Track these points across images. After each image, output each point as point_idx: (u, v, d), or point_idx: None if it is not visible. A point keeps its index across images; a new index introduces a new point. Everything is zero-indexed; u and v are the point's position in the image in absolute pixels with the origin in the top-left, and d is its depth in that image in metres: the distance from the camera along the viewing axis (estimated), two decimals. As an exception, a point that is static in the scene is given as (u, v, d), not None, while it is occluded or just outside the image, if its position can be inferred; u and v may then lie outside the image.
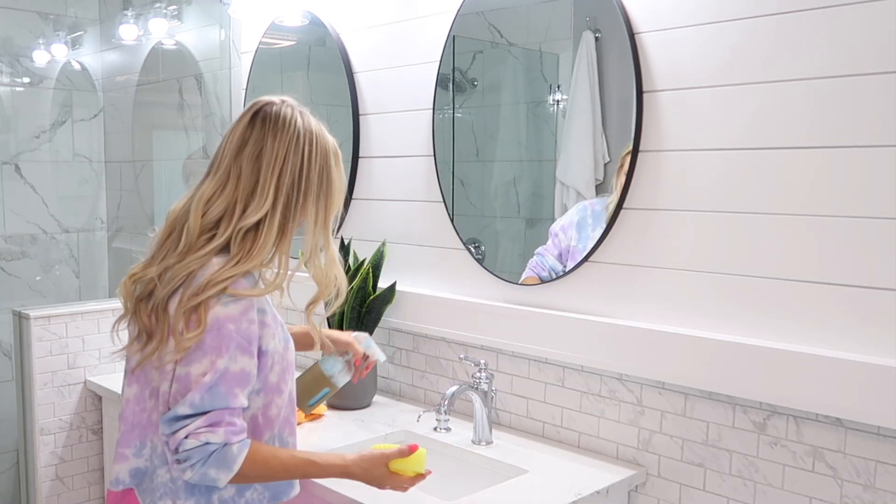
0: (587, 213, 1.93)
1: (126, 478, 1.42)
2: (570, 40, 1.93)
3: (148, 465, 1.41)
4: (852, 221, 1.48)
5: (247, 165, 1.38)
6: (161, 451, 1.39)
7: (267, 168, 1.38)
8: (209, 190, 1.38)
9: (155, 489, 1.40)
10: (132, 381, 1.43)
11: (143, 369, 1.39)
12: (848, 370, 1.46)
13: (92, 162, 3.68)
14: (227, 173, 1.39)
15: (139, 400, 1.41)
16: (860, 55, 1.46)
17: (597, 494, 1.70)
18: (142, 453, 1.42)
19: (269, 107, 1.42)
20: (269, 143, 1.39)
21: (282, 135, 1.39)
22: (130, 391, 1.43)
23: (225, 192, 1.37)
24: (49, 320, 2.52)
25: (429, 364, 2.30)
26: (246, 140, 1.40)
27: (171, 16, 3.20)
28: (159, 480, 1.40)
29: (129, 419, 1.42)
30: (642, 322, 1.79)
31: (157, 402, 1.37)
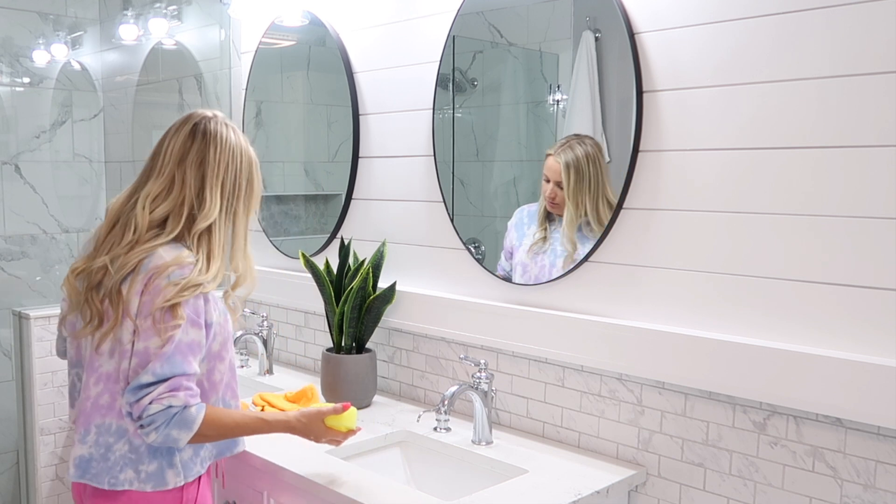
0: (523, 214, 2.07)
1: (72, 467, 1.56)
2: (570, 40, 1.93)
3: (92, 452, 1.54)
4: (852, 221, 1.48)
5: (190, 172, 1.58)
6: (115, 428, 1.52)
7: (211, 176, 1.59)
8: (154, 190, 1.58)
9: (112, 466, 1.53)
10: (81, 369, 1.59)
11: (90, 359, 1.54)
12: (848, 370, 1.46)
13: (92, 162, 3.68)
14: (170, 177, 1.58)
15: (85, 387, 1.56)
16: (861, 55, 1.46)
17: (597, 494, 1.70)
18: (86, 440, 1.54)
19: (208, 121, 1.63)
20: (210, 154, 1.60)
21: (221, 147, 1.61)
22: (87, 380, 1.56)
23: (171, 195, 1.57)
24: (49, 320, 2.52)
25: (429, 364, 2.30)
26: (188, 149, 1.60)
27: (171, 16, 3.20)
28: (116, 456, 1.53)
29: (78, 407, 1.58)
30: (642, 322, 1.79)
31: (104, 387, 1.52)
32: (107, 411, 1.53)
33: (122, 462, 1.53)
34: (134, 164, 3.55)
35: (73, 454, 1.55)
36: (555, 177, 1.93)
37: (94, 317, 1.53)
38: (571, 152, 1.90)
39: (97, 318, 1.52)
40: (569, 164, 1.89)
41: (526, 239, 2.03)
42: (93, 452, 1.53)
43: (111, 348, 1.52)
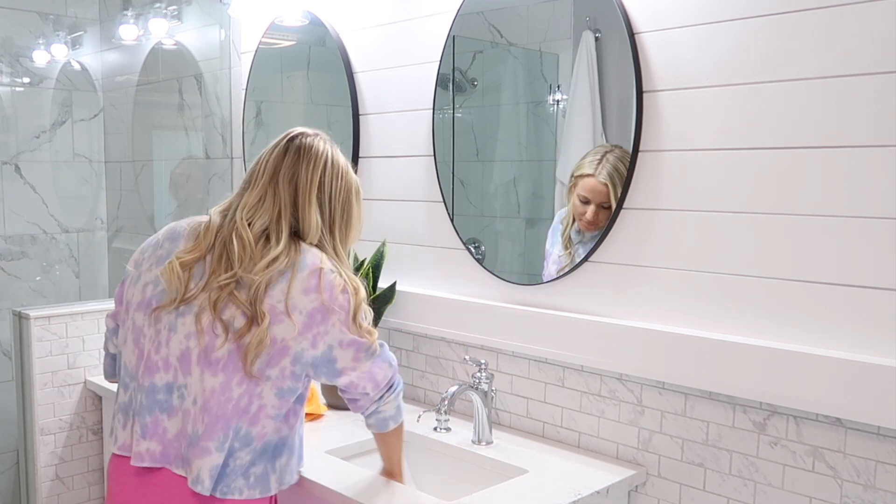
0: (560, 218, 1.98)
1: (206, 479, 1.46)
2: (570, 40, 1.93)
3: (226, 459, 1.48)
4: (853, 221, 1.48)
5: (283, 187, 1.57)
6: (243, 433, 1.48)
7: (303, 192, 1.57)
8: (251, 203, 1.57)
9: (230, 474, 1.48)
10: (216, 371, 1.48)
11: (233, 358, 1.47)
12: (848, 370, 1.46)
13: (92, 162, 3.68)
14: (263, 191, 1.57)
15: (225, 389, 1.47)
16: (863, 55, 1.46)
17: (597, 494, 1.70)
18: (223, 447, 1.47)
19: (304, 137, 1.62)
20: (302, 170, 1.58)
21: (314, 164, 1.59)
22: (214, 381, 1.48)
23: (264, 206, 1.56)
24: (49, 320, 2.52)
25: (429, 364, 2.30)
26: (280, 163, 1.59)
27: (171, 16, 3.19)
28: (236, 464, 1.49)
29: (214, 410, 1.47)
30: (642, 322, 1.79)
31: (246, 388, 1.47)
32: (243, 414, 1.48)
33: (239, 470, 1.49)
34: (134, 164, 3.56)
35: (210, 462, 1.46)
36: (599, 198, 1.84)
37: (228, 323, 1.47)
38: (609, 165, 1.83)
39: (246, 319, 1.47)
40: (613, 178, 1.81)
41: (553, 257, 1.97)
42: (225, 461, 1.48)
43: (263, 351, 1.47)
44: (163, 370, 1.52)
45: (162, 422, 1.52)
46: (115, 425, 1.60)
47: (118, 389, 1.62)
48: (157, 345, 1.53)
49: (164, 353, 1.52)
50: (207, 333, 1.48)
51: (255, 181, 1.59)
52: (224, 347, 1.47)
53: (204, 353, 1.49)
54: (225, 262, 1.51)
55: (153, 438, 1.51)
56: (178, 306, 1.52)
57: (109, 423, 1.62)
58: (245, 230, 1.53)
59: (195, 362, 1.49)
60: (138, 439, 1.52)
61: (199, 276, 1.53)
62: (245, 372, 1.47)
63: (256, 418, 1.49)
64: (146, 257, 1.62)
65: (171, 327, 1.52)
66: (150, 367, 1.53)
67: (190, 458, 1.48)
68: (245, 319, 1.47)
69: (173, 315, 1.52)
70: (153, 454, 1.51)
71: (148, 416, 1.52)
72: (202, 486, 1.46)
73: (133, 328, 1.58)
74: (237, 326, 1.47)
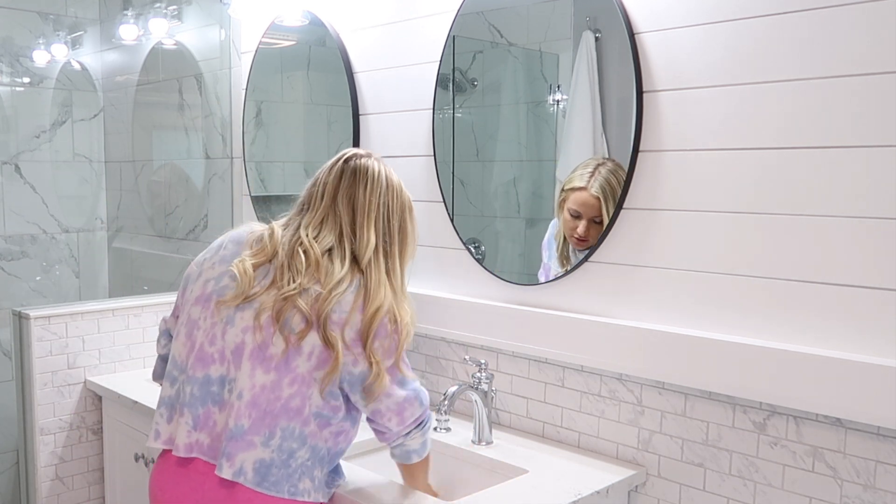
0: (555, 231, 1.97)
1: (249, 471, 1.47)
2: (570, 40, 1.93)
3: (274, 457, 1.48)
4: (853, 221, 1.48)
5: (343, 208, 1.60)
6: (298, 433, 1.50)
7: (361, 213, 1.60)
8: (315, 222, 1.60)
9: (291, 474, 1.50)
10: (268, 368, 1.50)
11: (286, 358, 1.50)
12: (848, 370, 1.46)
13: (92, 162, 3.68)
14: (325, 212, 1.60)
15: (275, 388, 1.49)
16: (864, 54, 1.46)
17: (597, 494, 1.70)
18: (270, 443, 1.48)
19: (359, 158, 1.64)
20: (360, 192, 1.61)
21: (371, 186, 1.62)
22: (266, 378, 1.50)
23: (327, 227, 1.59)
24: (49, 320, 2.52)
25: (429, 364, 2.30)
26: (337, 186, 1.62)
27: (171, 16, 3.20)
28: (297, 463, 1.50)
29: (263, 406, 1.49)
30: (642, 322, 1.79)
31: (297, 389, 1.49)
32: (295, 415, 1.49)
33: (302, 470, 1.51)
34: (134, 164, 3.56)
35: (254, 455, 1.48)
36: (591, 213, 1.83)
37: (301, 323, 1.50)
38: (601, 178, 1.82)
39: (302, 317, 1.50)
40: (605, 192, 1.80)
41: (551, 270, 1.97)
42: (275, 458, 1.48)
43: (313, 351, 1.50)
44: (218, 362, 1.54)
45: (213, 414, 1.53)
46: (156, 421, 1.60)
47: (163, 385, 1.63)
48: (211, 337, 1.55)
49: (219, 345, 1.54)
50: (265, 330, 1.51)
51: (314, 202, 1.62)
52: (278, 345, 1.50)
53: (259, 349, 1.51)
54: (289, 274, 1.54)
55: (203, 430, 1.53)
56: (241, 303, 1.54)
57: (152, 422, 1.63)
58: (312, 246, 1.56)
59: (247, 356, 1.51)
60: (189, 431, 1.53)
61: (261, 277, 1.56)
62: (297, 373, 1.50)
63: (308, 420, 1.51)
64: (208, 258, 1.66)
65: (229, 321, 1.54)
66: (204, 358, 1.55)
67: (233, 451, 1.48)
68: (304, 324, 1.50)
69: (233, 310, 1.55)
70: (202, 446, 1.52)
71: (200, 407, 1.53)
72: (245, 477, 1.47)
73: (188, 322, 1.60)
74: (296, 329, 1.50)
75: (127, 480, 2.51)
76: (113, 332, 2.64)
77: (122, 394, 2.42)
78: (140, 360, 2.70)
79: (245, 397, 1.49)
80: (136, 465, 2.38)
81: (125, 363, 2.67)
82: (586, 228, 1.84)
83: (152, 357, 2.63)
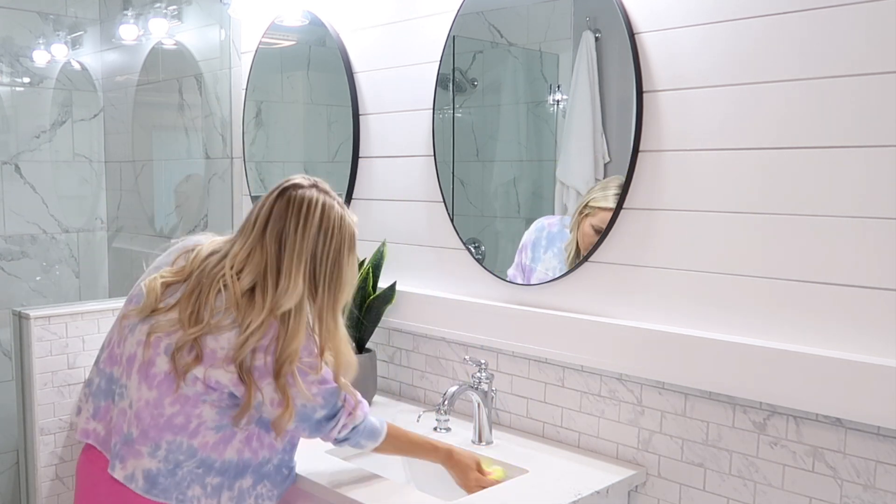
0: (543, 233, 1.98)
1: (140, 479, 1.54)
2: (570, 40, 1.93)
3: (161, 467, 1.53)
4: (852, 221, 1.48)
5: (270, 243, 1.54)
6: (185, 447, 1.53)
7: (289, 252, 1.53)
8: (241, 255, 1.54)
9: (179, 482, 1.54)
10: (151, 385, 1.54)
11: (168, 380, 1.53)
12: (848, 370, 1.46)
13: (92, 162, 3.67)
14: (253, 244, 1.55)
15: (158, 405, 1.54)
16: (864, 54, 1.46)
17: (597, 494, 1.70)
18: (156, 454, 1.54)
19: (296, 189, 1.56)
20: (290, 226, 1.53)
21: (303, 221, 1.53)
22: (149, 394, 1.55)
23: (253, 261, 1.53)
24: (49, 320, 2.52)
25: (429, 364, 2.30)
26: (268, 216, 1.55)
27: (171, 16, 3.19)
28: (184, 472, 1.54)
29: (146, 420, 1.54)
30: (642, 322, 1.79)
31: (181, 409, 1.53)
32: (179, 431, 1.53)
33: (190, 478, 1.54)
34: (134, 164, 3.56)
35: (143, 465, 1.53)
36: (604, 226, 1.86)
37: (192, 349, 1.51)
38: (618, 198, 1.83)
39: (196, 351, 1.50)
40: None
41: (539, 264, 1.98)
42: (161, 467, 1.53)
43: (196, 381, 1.51)
44: (118, 363, 1.62)
45: (110, 410, 1.62)
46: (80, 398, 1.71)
47: None
48: (119, 339, 1.63)
49: (121, 349, 1.62)
50: (153, 348, 1.54)
51: (246, 232, 1.58)
52: (163, 367, 1.54)
53: (145, 365, 1.55)
54: (195, 306, 1.52)
55: (102, 422, 1.63)
56: (146, 317, 1.58)
57: None
58: (233, 283, 1.52)
59: (136, 370, 1.57)
60: (88, 418, 1.65)
61: (169, 296, 1.58)
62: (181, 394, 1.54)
63: (196, 433, 1.54)
64: (160, 261, 1.69)
65: (131, 330, 1.60)
66: (112, 356, 1.64)
67: (125, 455, 1.55)
68: (194, 357, 1.51)
69: (137, 320, 1.59)
70: (98, 435, 1.63)
71: (103, 400, 1.64)
72: (136, 484, 1.54)
73: (121, 317, 1.66)
74: (185, 360, 1.52)
75: (127, 480, 2.51)
76: (113, 332, 2.64)
77: (122, 394, 2.42)
78: (140, 360, 2.70)
79: (133, 408, 1.56)
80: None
81: (125, 363, 2.67)
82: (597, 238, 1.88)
83: (152, 357, 2.63)
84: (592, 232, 1.88)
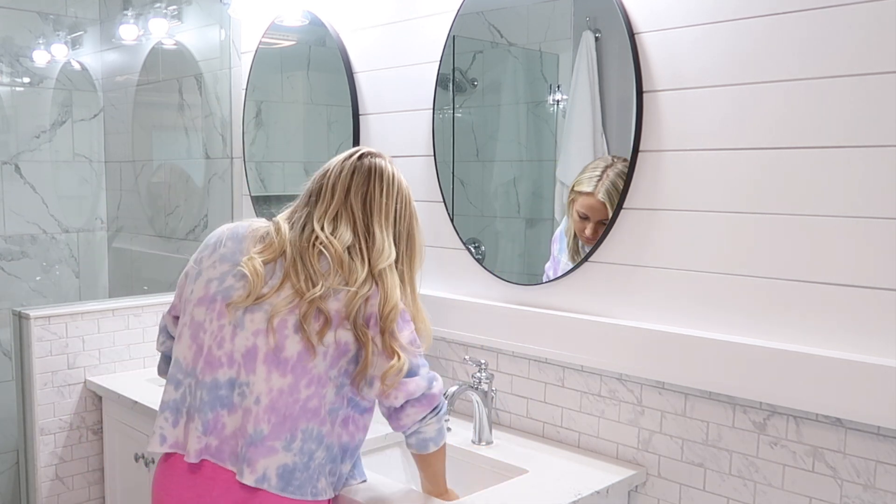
0: (564, 227, 1.97)
1: (273, 477, 1.45)
2: (570, 40, 1.93)
3: (297, 461, 1.47)
4: (852, 221, 1.48)
5: (356, 206, 1.56)
6: (316, 433, 1.49)
7: (378, 216, 1.57)
8: (328, 217, 1.55)
9: (312, 476, 1.49)
10: (285, 371, 1.48)
11: (301, 359, 1.48)
12: (848, 370, 1.46)
13: (92, 162, 3.68)
14: (337, 208, 1.56)
15: (293, 391, 1.48)
16: (863, 54, 1.46)
17: (597, 494, 1.70)
18: (291, 447, 1.47)
19: (374, 157, 1.61)
20: (376, 193, 1.58)
21: (388, 189, 1.59)
22: (283, 381, 1.48)
23: (342, 224, 1.55)
24: (49, 320, 2.52)
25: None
26: (350, 182, 1.57)
27: (171, 16, 3.20)
28: (315, 464, 1.49)
29: (282, 410, 1.47)
30: (642, 322, 1.79)
31: (315, 391, 1.48)
32: (313, 416, 1.48)
33: (318, 470, 1.50)
34: (134, 164, 3.56)
35: (277, 461, 1.46)
36: (598, 216, 1.85)
37: (318, 314, 1.48)
38: (609, 182, 1.82)
39: (324, 315, 1.48)
40: (611, 196, 1.81)
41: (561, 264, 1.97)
42: (297, 461, 1.47)
43: (328, 350, 1.48)
44: (226, 366, 1.50)
45: (222, 417, 1.50)
46: (160, 425, 1.56)
47: (166, 389, 1.59)
48: (219, 340, 1.52)
49: (227, 348, 1.51)
50: (279, 332, 1.48)
51: (324, 195, 1.57)
52: (295, 348, 1.48)
53: (273, 352, 1.48)
54: (304, 273, 1.50)
55: (213, 434, 1.50)
56: (251, 305, 1.51)
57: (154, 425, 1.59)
58: (332, 243, 1.52)
59: (261, 360, 1.48)
60: (199, 436, 1.50)
61: (269, 277, 1.52)
62: (314, 373, 1.49)
63: (324, 419, 1.50)
64: (206, 255, 1.61)
65: (238, 324, 1.51)
66: (212, 362, 1.52)
67: (253, 457, 1.45)
68: (323, 323, 1.48)
69: (241, 312, 1.51)
70: (210, 449, 1.50)
71: (210, 412, 1.50)
72: (269, 483, 1.45)
73: (191, 323, 1.56)
74: (316, 330, 1.48)
75: (127, 480, 2.51)
76: (113, 332, 2.64)
77: (122, 394, 2.42)
78: (140, 360, 2.70)
79: (263, 402, 1.46)
80: (136, 465, 2.38)
81: (125, 363, 2.67)
82: (594, 230, 1.86)
83: (152, 357, 2.64)
84: (579, 219, 1.88)
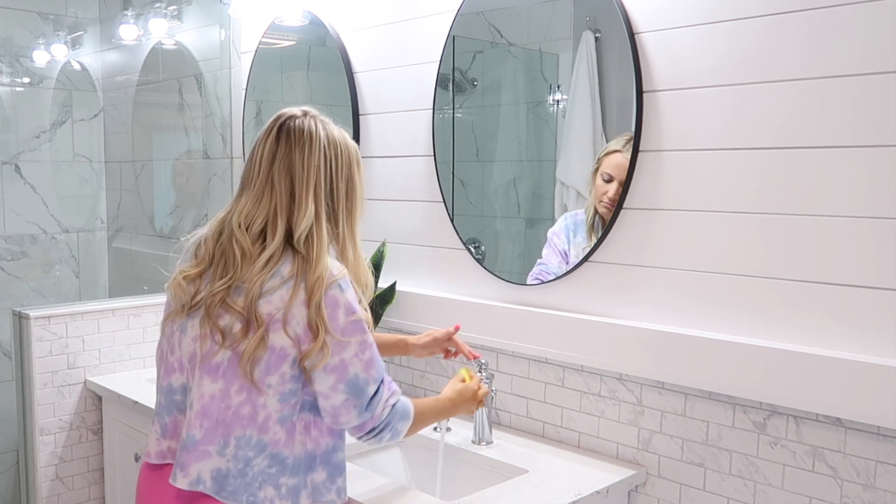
0: (569, 221, 1.97)
1: (208, 480, 1.45)
2: (570, 40, 1.93)
3: (230, 466, 1.45)
4: (852, 221, 1.48)
5: (279, 179, 1.49)
6: (255, 441, 1.44)
7: (299, 181, 1.49)
8: (248, 206, 1.50)
9: (250, 483, 1.45)
10: (216, 377, 1.45)
11: (232, 365, 1.44)
12: (848, 370, 1.46)
13: (92, 162, 3.68)
14: (261, 188, 1.50)
15: (224, 396, 1.45)
16: (863, 54, 1.46)
17: (597, 494, 1.70)
18: (224, 452, 1.45)
19: (293, 120, 1.54)
20: (297, 157, 1.50)
21: (308, 148, 1.50)
22: (214, 387, 1.45)
23: (262, 205, 1.49)
24: (49, 320, 2.52)
25: (429, 364, 2.30)
26: (274, 155, 1.51)
27: (171, 16, 3.20)
28: (255, 472, 1.45)
29: (214, 416, 1.45)
30: (642, 322, 1.79)
31: (247, 397, 1.44)
32: (248, 423, 1.44)
33: (261, 478, 1.45)
34: (134, 164, 3.56)
35: (210, 465, 1.44)
36: (622, 175, 1.81)
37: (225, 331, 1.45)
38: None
39: (242, 325, 1.43)
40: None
41: (572, 248, 1.96)
42: (230, 467, 1.44)
43: (261, 358, 1.43)
44: (178, 371, 1.52)
45: (179, 422, 1.52)
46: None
47: None
48: (171, 346, 1.54)
49: (177, 354, 1.52)
50: (208, 338, 1.47)
51: (251, 179, 1.53)
52: (222, 353, 1.46)
53: (205, 357, 1.47)
54: (222, 270, 1.49)
55: (173, 438, 1.52)
56: (189, 311, 1.51)
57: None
58: (242, 236, 1.48)
59: (198, 366, 1.48)
60: (158, 438, 1.53)
61: (206, 282, 1.52)
62: (246, 380, 1.44)
63: (266, 427, 1.46)
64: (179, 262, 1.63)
65: (182, 329, 1.52)
66: (168, 368, 1.54)
67: (186, 461, 1.45)
68: (241, 325, 1.44)
69: (184, 317, 1.52)
70: (173, 452, 1.51)
71: (167, 416, 1.53)
72: (204, 486, 1.44)
73: (161, 332, 1.59)
74: (235, 332, 1.45)
75: (127, 480, 2.51)
76: (113, 332, 2.64)
77: (122, 394, 2.43)
78: (140, 360, 2.70)
79: (195, 407, 1.46)
80: (136, 466, 2.38)
81: (125, 363, 2.68)
82: (616, 191, 1.83)
83: (152, 357, 2.63)
84: (603, 182, 1.85)
